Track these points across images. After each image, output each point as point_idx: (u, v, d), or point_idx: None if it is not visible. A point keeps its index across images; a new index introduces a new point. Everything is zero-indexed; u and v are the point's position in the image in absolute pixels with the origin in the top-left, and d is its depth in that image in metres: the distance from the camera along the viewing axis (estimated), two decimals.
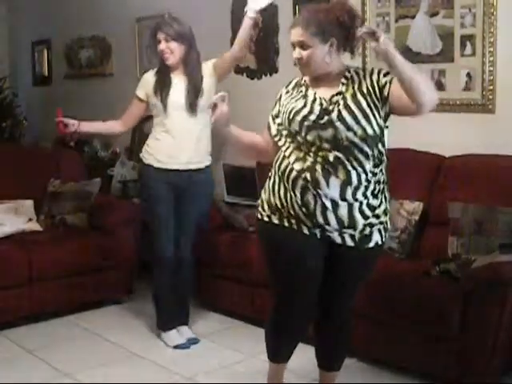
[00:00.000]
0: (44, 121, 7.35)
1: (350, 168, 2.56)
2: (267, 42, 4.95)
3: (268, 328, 2.94)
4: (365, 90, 2.57)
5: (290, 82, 2.80)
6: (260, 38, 4.88)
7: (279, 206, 2.66)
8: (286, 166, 2.64)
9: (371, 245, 2.67)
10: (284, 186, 2.65)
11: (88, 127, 3.95)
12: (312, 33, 2.54)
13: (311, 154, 2.59)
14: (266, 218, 2.72)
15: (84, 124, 3.87)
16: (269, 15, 4.94)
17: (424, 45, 4.13)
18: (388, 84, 2.55)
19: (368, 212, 2.62)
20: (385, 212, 2.69)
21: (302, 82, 2.73)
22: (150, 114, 4.11)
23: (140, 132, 5.54)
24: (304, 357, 3.18)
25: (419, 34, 4.13)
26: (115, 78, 6.50)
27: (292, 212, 2.63)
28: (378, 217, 2.66)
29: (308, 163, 2.58)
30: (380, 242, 2.70)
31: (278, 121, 2.74)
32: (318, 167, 2.56)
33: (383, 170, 2.67)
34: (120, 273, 4.60)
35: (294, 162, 2.61)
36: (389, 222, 2.74)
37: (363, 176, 2.58)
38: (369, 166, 2.58)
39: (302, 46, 2.57)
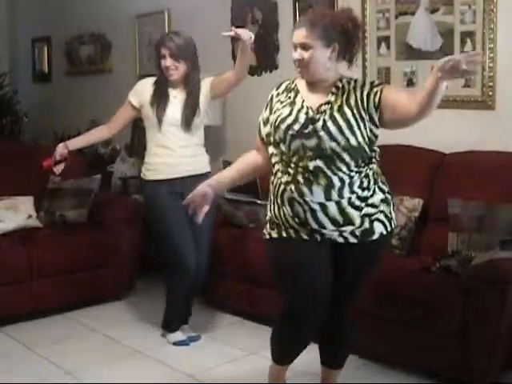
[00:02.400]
0: (44, 118, 7.36)
1: (330, 174, 2.55)
2: (267, 38, 4.95)
3: (276, 334, 2.88)
4: (352, 102, 2.56)
5: (281, 85, 2.76)
6: (260, 34, 4.88)
7: (276, 221, 2.69)
8: (278, 181, 2.65)
9: (375, 237, 2.63)
10: (276, 202, 2.66)
11: (77, 145, 3.96)
12: (316, 35, 2.53)
13: (292, 165, 2.58)
14: (267, 236, 2.75)
15: (72, 143, 3.91)
16: (269, 12, 4.94)
17: (424, 41, 4.12)
18: (379, 92, 2.55)
19: (359, 203, 2.58)
20: (384, 201, 2.65)
21: (293, 85, 2.71)
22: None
23: (140, 129, 5.53)
24: (306, 353, 3.17)
25: (419, 30, 4.13)
26: (115, 74, 6.50)
27: (287, 225, 2.64)
28: (374, 206, 2.61)
29: (290, 176, 2.59)
30: (385, 232, 2.65)
31: (267, 126, 2.69)
32: (300, 177, 2.56)
33: (372, 166, 2.64)
34: (121, 269, 4.60)
35: (281, 176, 2.63)
36: (393, 213, 2.69)
37: (346, 177, 2.55)
38: (350, 170, 2.55)
39: (305, 47, 2.56)
